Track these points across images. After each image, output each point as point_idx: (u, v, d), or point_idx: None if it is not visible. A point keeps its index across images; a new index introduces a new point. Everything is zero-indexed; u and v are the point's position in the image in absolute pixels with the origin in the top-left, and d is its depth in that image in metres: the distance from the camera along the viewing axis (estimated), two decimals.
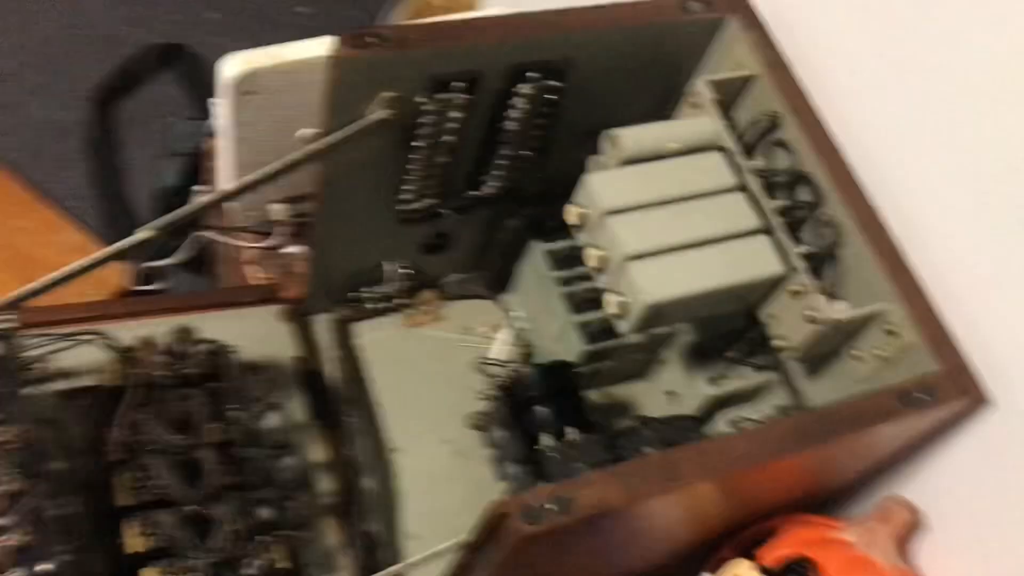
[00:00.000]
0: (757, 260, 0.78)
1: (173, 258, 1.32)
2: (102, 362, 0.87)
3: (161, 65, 1.91)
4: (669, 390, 1.01)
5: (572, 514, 0.61)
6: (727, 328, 0.92)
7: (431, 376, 1.08)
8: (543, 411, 0.92)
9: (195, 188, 1.31)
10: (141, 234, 0.78)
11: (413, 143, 0.87)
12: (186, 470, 0.83)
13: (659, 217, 0.78)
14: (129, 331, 0.95)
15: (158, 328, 0.94)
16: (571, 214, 0.79)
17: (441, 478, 1.00)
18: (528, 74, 0.85)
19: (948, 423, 0.79)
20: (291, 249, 1.12)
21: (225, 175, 1.09)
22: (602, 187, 0.77)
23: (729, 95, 0.87)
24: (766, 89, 0.86)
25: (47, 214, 1.73)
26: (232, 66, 0.95)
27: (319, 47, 0.94)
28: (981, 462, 0.80)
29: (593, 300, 0.95)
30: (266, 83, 0.97)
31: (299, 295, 1.04)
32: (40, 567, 0.70)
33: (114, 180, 1.81)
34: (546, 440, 0.88)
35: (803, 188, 0.84)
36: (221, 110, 1.01)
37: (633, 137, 0.80)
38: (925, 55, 0.80)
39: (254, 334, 1.01)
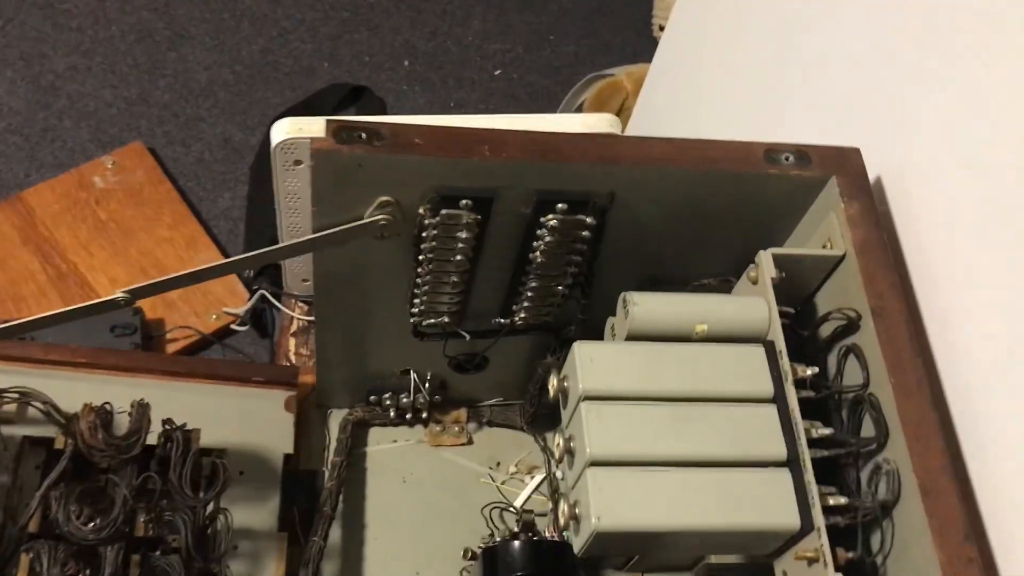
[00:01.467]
0: (768, 503, 0.60)
1: (240, 309, 1.28)
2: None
3: (344, 104, 1.91)
4: None
5: None
6: None
7: (436, 507, 0.95)
8: None
9: None
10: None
11: (419, 256, 0.74)
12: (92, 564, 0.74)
13: (653, 417, 0.61)
14: (120, 387, 0.89)
15: (144, 391, 0.87)
16: (551, 385, 0.64)
17: None
18: (558, 205, 0.71)
19: None
20: None
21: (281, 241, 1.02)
22: (589, 361, 0.62)
23: (803, 276, 0.69)
24: (851, 276, 0.67)
25: (195, 230, 1.74)
26: (279, 131, 0.87)
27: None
28: None
29: None
30: None
31: (310, 386, 0.95)
32: None
33: (266, 210, 1.82)
34: None
35: (862, 415, 0.64)
36: (275, 175, 0.94)
37: (652, 307, 0.64)
38: None
39: (252, 418, 0.92)
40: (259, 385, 0.94)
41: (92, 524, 0.75)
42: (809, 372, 0.64)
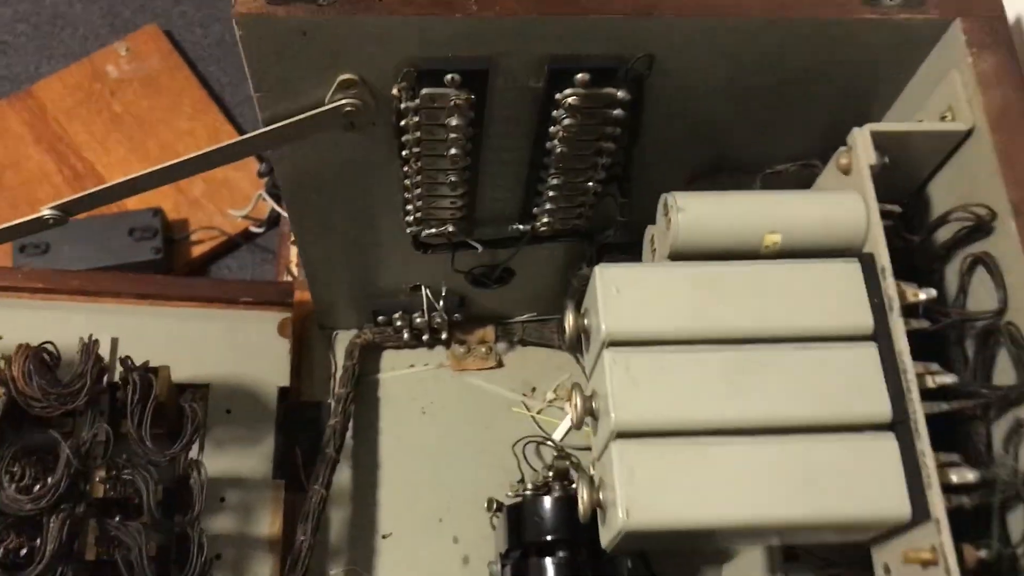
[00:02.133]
0: (866, 485, 0.43)
1: (242, 211, 1.14)
2: None
3: None
4: None
5: None
6: None
7: (462, 443, 0.81)
8: (549, 567, 0.63)
9: None
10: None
11: (404, 151, 0.58)
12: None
13: (704, 368, 0.44)
14: (84, 315, 0.76)
15: (113, 319, 0.74)
16: (567, 324, 0.48)
17: None
18: (577, 76, 0.52)
19: None
20: None
21: None
22: (616, 292, 0.45)
23: (913, 160, 0.50)
24: (983, 160, 0.48)
25: (217, 120, 1.60)
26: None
27: None
28: None
29: None
30: None
31: (310, 305, 0.80)
32: None
33: None
34: None
35: (995, 352, 0.46)
36: None
37: (703, 212, 0.47)
38: None
39: (240, 346, 0.78)
40: (248, 306, 0.80)
41: (37, 488, 0.63)
42: (923, 296, 0.46)
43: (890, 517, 0.43)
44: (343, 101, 0.54)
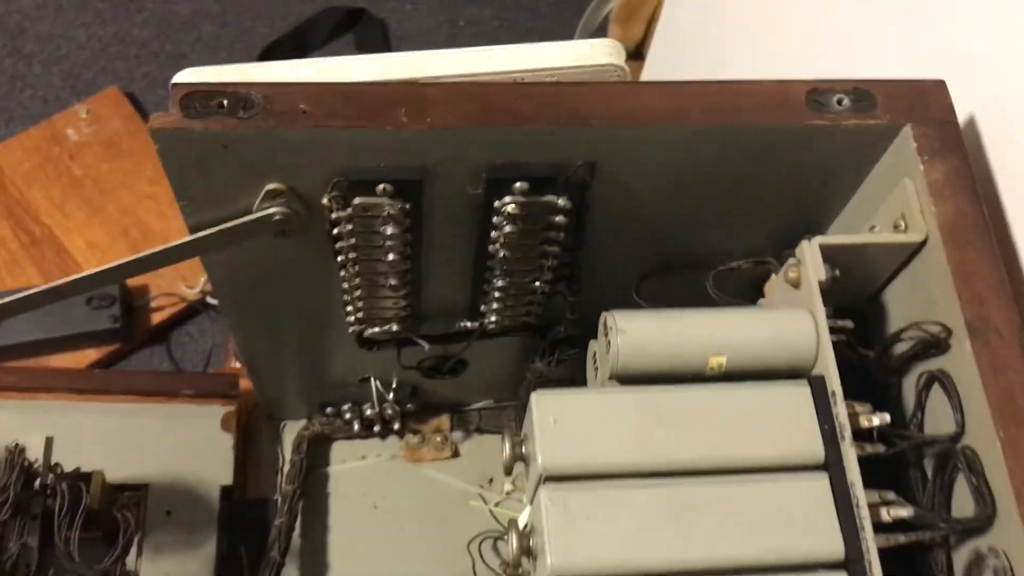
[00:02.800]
0: None
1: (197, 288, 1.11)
2: None
3: (340, 30, 1.72)
4: None
5: None
6: None
7: (416, 541, 0.77)
8: None
9: None
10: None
11: (340, 257, 0.55)
12: None
13: (648, 505, 0.42)
14: (9, 414, 0.72)
15: (45, 417, 0.71)
16: (505, 451, 0.45)
17: None
18: (516, 184, 0.50)
19: None
20: None
21: None
22: (552, 423, 0.42)
23: (866, 270, 0.48)
24: (937, 273, 0.46)
25: None
26: (181, 76, 0.67)
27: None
28: None
29: None
30: None
31: (253, 396, 0.77)
32: None
33: None
34: None
35: (953, 476, 0.44)
36: None
37: (645, 334, 0.44)
38: None
39: (181, 443, 0.75)
40: (190, 400, 0.77)
41: None
42: (876, 421, 0.44)
43: None
44: (272, 210, 0.51)
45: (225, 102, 0.46)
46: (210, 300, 1.19)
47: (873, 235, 0.49)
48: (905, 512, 0.43)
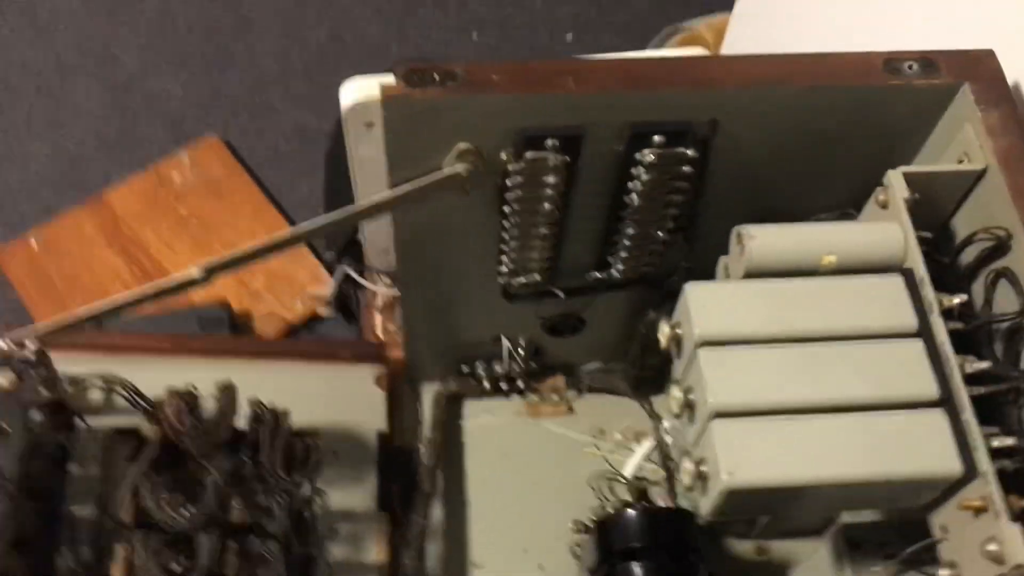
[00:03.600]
0: (922, 448, 0.52)
1: (323, 290, 1.24)
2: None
3: None
4: None
5: None
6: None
7: (541, 482, 0.89)
8: (636, 570, 0.71)
9: None
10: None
11: (505, 208, 0.69)
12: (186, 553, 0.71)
13: (782, 361, 0.54)
14: (205, 372, 0.85)
15: (230, 375, 0.84)
16: (662, 334, 0.58)
17: None
18: (655, 138, 0.64)
19: None
20: None
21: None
22: (704, 304, 0.55)
23: (939, 196, 0.61)
24: (996, 192, 0.59)
25: (276, 221, 1.72)
26: (348, 94, 0.82)
27: None
28: None
29: None
30: None
31: (400, 360, 0.90)
32: None
33: (346, 197, 1.78)
34: None
35: (1021, 345, 0.56)
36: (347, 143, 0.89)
37: (771, 239, 0.57)
38: None
39: (342, 397, 0.88)
40: (347, 362, 0.90)
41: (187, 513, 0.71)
42: (956, 301, 0.57)
43: (945, 473, 0.52)
44: (460, 167, 0.65)
45: (436, 75, 0.60)
46: (321, 311, 1.32)
47: (944, 165, 0.62)
48: (984, 365, 0.55)
